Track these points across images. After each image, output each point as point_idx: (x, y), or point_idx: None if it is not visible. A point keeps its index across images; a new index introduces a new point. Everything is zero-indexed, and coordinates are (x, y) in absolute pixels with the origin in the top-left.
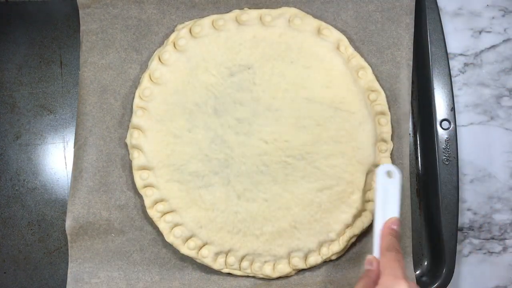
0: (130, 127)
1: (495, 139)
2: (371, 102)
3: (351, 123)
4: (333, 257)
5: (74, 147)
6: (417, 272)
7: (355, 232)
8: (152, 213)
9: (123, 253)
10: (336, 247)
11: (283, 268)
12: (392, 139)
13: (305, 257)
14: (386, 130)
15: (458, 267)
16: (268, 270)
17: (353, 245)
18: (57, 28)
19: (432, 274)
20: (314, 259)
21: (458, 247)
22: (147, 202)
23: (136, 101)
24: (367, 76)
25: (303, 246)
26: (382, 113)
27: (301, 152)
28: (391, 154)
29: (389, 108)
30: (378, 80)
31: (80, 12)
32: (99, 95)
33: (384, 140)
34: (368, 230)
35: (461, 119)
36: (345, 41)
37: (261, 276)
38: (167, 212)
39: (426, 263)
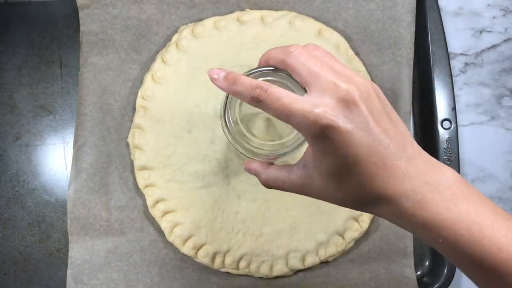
0: (132, 127)
1: (496, 139)
2: None
3: None
4: (330, 259)
5: (73, 148)
6: (418, 273)
7: (354, 236)
8: (154, 212)
9: (123, 254)
10: (333, 249)
11: (281, 268)
12: None
13: (303, 257)
14: None
15: None
16: (265, 270)
17: (353, 246)
18: (56, 28)
19: (433, 274)
20: (311, 260)
21: None
22: (149, 201)
23: (139, 101)
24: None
25: (302, 247)
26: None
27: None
28: None
29: None
30: (378, 80)
31: (80, 12)
32: (99, 95)
33: None
34: (367, 233)
35: (462, 119)
36: (345, 43)
37: (259, 275)
38: (168, 212)
39: (427, 264)
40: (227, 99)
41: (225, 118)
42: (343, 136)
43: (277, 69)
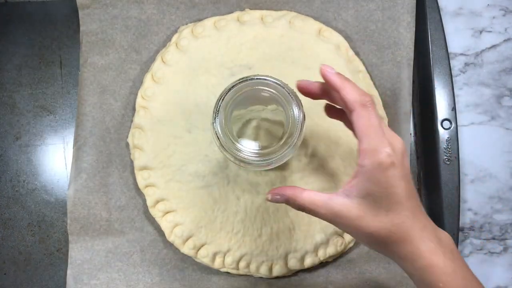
0: (132, 127)
1: (496, 139)
2: None
3: None
4: (330, 259)
5: (73, 148)
6: None
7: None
8: (154, 212)
9: (123, 254)
10: (333, 249)
11: (280, 269)
12: None
13: (302, 258)
14: None
15: None
16: (265, 271)
17: (353, 246)
18: (56, 28)
19: None
20: (311, 260)
21: (459, 248)
22: (149, 201)
23: (139, 101)
24: (365, 80)
25: (301, 247)
26: (381, 118)
27: (300, 153)
28: None
29: (390, 108)
30: (378, 80)
31: (80, 12)
32: (99, 95)
33: None
34: None
35: (462, 119)
36: (345, 43)
37: (259, 275)
38: (168, 212)
39: None
40: (216, 108)
41: (214, 127)
42: (397, 178)
43: (284, 85)
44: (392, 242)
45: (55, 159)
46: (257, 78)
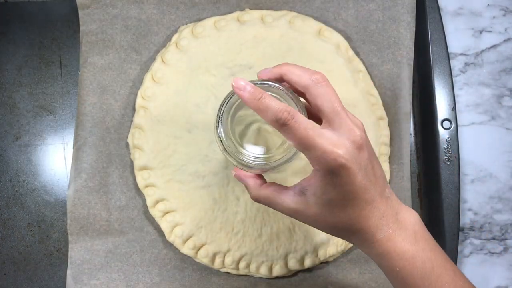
0: (132, 127)
1: (496, 139)
2: (371, 105)
3: None
4: (330, 259)
5: (73, 148)
6: None
7: None
8: (154, 212)
9: (123, 254)
10: (333, 249)
11: (280, 269)
12: (393, 139)
13: (302, 258)
14: (385, 133)
15: (459, 267)
16: (265, 271)
17: (353, 246)
18: (56, 28)
19: None
20: (311, 260)
21: (459, 248)
22: (149, 201)
23: (139, 101)
24: (366, 79)
25: (300, 248)
26: (381, 118)
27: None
28: (393, 154)
29: (390, 108)
30: (378, 80)
31: (80, 12)
32: (99, 95)
33: (384, 143)
34: None
35: (462, 119)
36: (345, 43)
37: (259, 276)
38: (168, 212)
39: None
40: (219, 111)
41: (217, 131)
42: (351, 176)
43: (279, 84)
44: (350, 232)
45: (55, 159)
46: (260, 83)
